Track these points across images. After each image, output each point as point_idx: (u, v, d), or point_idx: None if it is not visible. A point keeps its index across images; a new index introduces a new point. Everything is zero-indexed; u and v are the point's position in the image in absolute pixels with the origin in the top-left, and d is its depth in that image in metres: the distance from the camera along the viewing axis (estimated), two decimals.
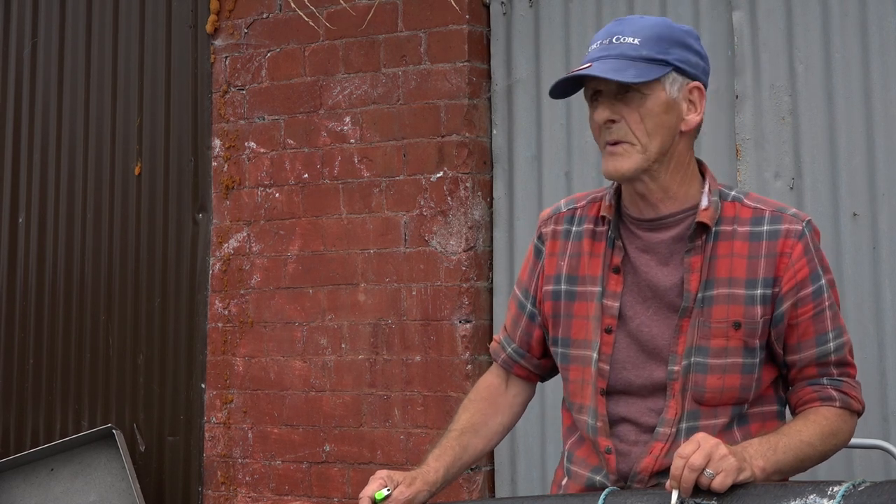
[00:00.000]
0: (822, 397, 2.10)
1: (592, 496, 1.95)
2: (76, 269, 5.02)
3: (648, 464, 2.09)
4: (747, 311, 2.07)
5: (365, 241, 4.32)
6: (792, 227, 2.10)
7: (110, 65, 5.02)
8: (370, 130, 4.34)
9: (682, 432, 2.08)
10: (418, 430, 4.12)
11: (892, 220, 3.58)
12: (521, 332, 2.34)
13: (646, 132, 2.07)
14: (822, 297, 2.12)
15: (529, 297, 2.32)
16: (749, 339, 2.07)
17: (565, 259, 2.23)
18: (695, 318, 2.08)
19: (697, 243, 2.10)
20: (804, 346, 2.11)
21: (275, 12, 4.60)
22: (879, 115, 3.62)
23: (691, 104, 2.12)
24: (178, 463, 4.70)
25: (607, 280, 2.16)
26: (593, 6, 4.11)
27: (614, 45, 2.08)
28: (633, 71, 2.04)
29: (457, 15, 4.18)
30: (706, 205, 2.12)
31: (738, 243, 2.10)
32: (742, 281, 2.08)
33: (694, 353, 2.07)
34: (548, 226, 2.30)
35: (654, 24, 2.11)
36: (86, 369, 4.95)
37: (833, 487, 1.74)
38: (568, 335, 2.21)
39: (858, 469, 3.52)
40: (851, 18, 3.66)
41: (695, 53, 2.13)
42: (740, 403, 2.10)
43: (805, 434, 2.02)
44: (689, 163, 2.16)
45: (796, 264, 2.09)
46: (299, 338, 4.42)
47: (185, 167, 4.79)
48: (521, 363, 2.36)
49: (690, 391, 2.08)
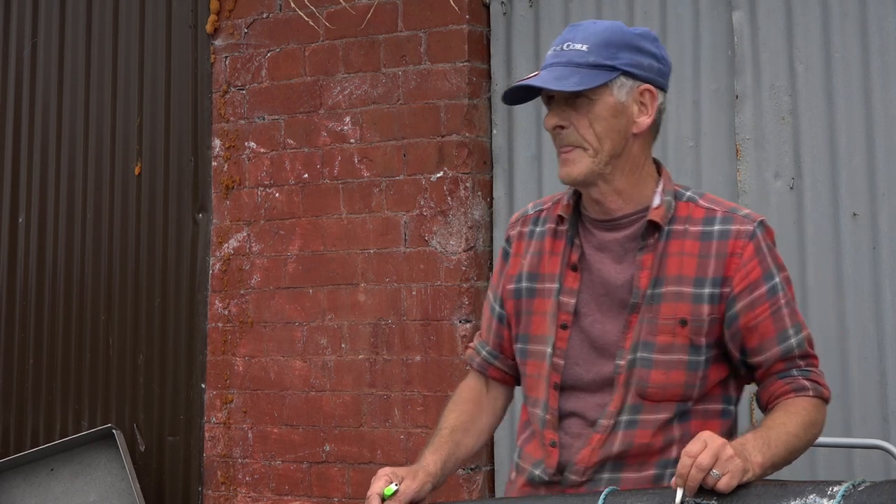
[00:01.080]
0: (795, 388, 2.11)
1: (592, 496, 1.95)
2: (76, 269, 5.02)
3: (585, 455, 2.13)
4: (694, 308, 2.10)
5: (365, 241, 4.32)
6: (743, 228, 2.13)
7: (110, 65, 5.02)
8: (370, 130, 4.34)
9: (622, 424, 2.11)
10: (418, 430, 4.12)
11: (892, 220, 3.58)
12: (493, 335, 2.38)
13: (596, 136, 2.12)
14: (777, 295, 2.13)
15: (497, 300, 2.37)
16: (695, 336, 2.10)
17: (527, 258, 2.29)
18: (643, 315, 2.12)
19: (649, 241, 2.14)
20: (767, 345, 2.12)
21: (275, 12, 4.60)
22: (879, 115, 3.62)
23: (642, 106, 2.15)
24: (178, 463, 4.70)
25: (565, 277, 2.20)
26: (593, 6, 4.11)
27: (564, 53, 2.14)
28: (577, 78, 2.09)
29: (457, 15, 4.18)
30: (658, 203, 2.16)
31: (688, 242, 2.13)
32: (691, 279, 2.11)
33: (640, 349, 2.11)
34: (514, 228, 2.35)
35: (604, 30, 2.16)
36: (86, 369, 4.95)
37: (833, 487, 1.74)
38: (527, 331, 2.25)
39: (858, 469, 3.52)
40: (851, 18, 3.67)
41: (648, 55, 2.16)
42: (684, 400, 2.12)
43: (790, 426, 2.04)
44: (645, 164, 2.19)
45: (748, 265, 2.11)
46: (299, 338, 4.42)
47: (185, 167, 4.79)
48: (496, 365, 2.39)
49: (634, 385, 2.11)
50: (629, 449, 2.10)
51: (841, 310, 3.62)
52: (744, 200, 3.78)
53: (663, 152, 3.95)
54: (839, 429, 3.57)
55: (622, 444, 2.10)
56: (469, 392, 2.41)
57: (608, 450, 2.11)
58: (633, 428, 2.10)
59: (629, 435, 2.10)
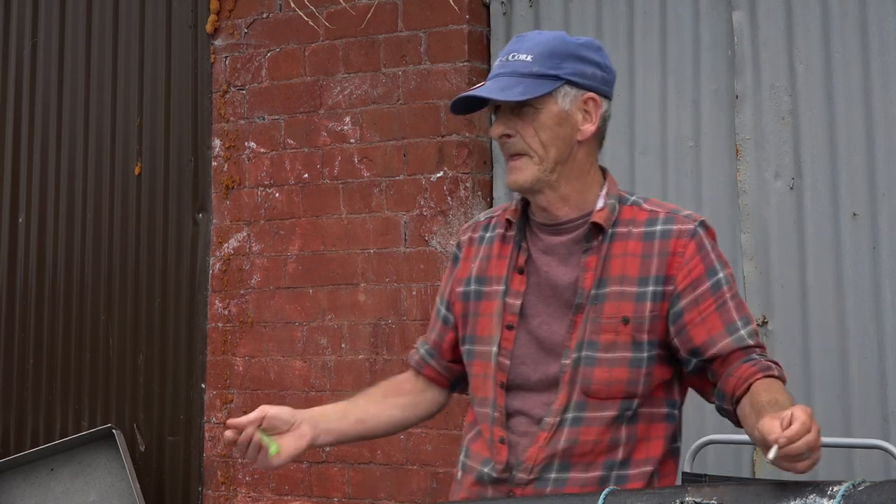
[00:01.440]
0: (761, 368, 2.11)
1: (592, 496, 1.95)
2: (76, 269, 5.02)
3: (532, 453, 2.17)
4: (637, 307, 2.15)
5: (365, 241, 4.32)
6: (684, 228, 2.18)
7: (110, 65, 5.02)
8: (370, 130, 4.34)
9: (567, 422, 2.15)
10: (418, 430, 4.12)
11: (892, 220, 3.58)
12: (435, 335, 2.44)
13: (541, 144, 2.18)
14: (721, 290, 2.16)
15: (444, 302, 2.42)
16: (637, 333, 2.15)
17: (476, 262, 2.35)
18: (587, 314, 2.17)
19: (594, 244, 2.20)
20: (717, 338, 2.14)
21: (275, 12, 4.60)
22: (879, 115, 3.62)
23: (586, 114, 2.21)
24: (178, 463, 4.70)
25: (511, 279, 2.26)
26: (593, 6, 4.11)
27: (509, 63, 2.20)
28: (521, 88, 2.15)
29: (457, 15, 4.18)
30: (601, 206, 2.22)
31: (632, 243, 2.19)
32: (634, 279, 2.16)
33: (585, 348, 2.16)
34: (465, 234, 2.41)
35: (548, 40, 2.21)
36: (86, 369, 4.95)
37: (833, 487, 1.74)
38: (474, 332, 2.31)
39: (858, 469, 3.52)
40: (851, 18, 3.66)
41: (591, 64, 2.22)
42: (628, 398, 2.16)
43: (790, 402, 2.02)
44: (590, 170, 2.25)
45: (690, 263, 2.16)
46: (299, 338, 4.42)
47: (185, 167, 4.79)
48: (431, 364, 2.45)
49: (579, 383, 2.16)
50: (575, 447, 2.14)
51: (841, 310, 3.62)
52: (744, 200, 3.78)
53: (663, 152, 3.95)
54: (839, 429, 3.57)
55: (567, 441, 2.14)
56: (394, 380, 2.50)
57: (554, 447, 2.15)
58: (579, 425, 2.14)
59: (574, 432, 2.14)
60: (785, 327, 3.70)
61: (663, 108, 3.97)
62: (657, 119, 3.97)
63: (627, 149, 4.00)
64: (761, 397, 2.04)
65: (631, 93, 4.02)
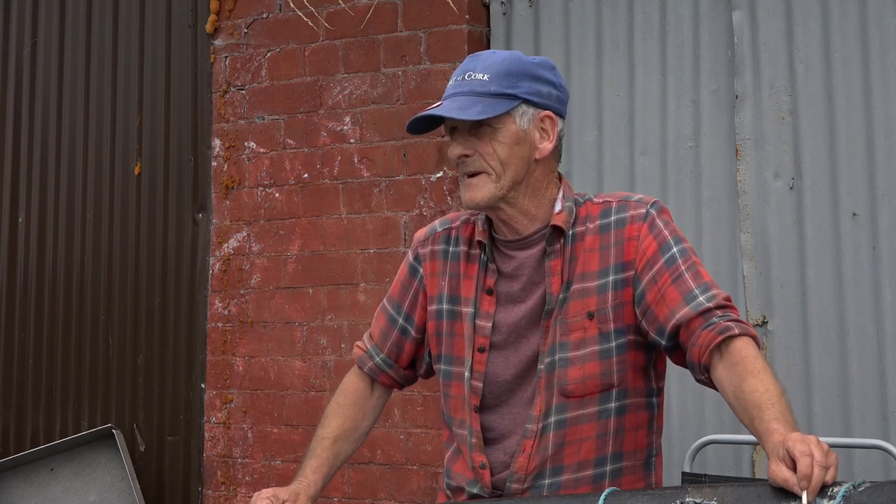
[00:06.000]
0: (720, 331, 2.05)
1: (592, 496, 1.95)
2: (76, 269, 5.02)
3: (523, 462, 2.17)
4: (599, 299, 2.16)
5: (365, 241, 4.32)
6: (636, 213, 2.18)
7: (110, 65, 5.02)
8: (370, 130, 4.34)
9: (551, 426, 2.16)
10: (418, 430, 4.12)
11: (892, 220, 3.58)
12: (391, 345, 2.43)
13: (500, 162, 2.18)
14: (676, 263, 2.14)
15: (402, 314, 2.41)
16: (602, 325, 2.15)
17: (446, 279, 2.33)
18: (555, 318, 2.18)
19: (556, 247, 2.20)
20: (677, 309, 2.10)
21: (275, 12, 4.60)
22: (879, 115, 3.62)
23: (544, 132, 2.21)
24: (178, 463, 4.71)
25: (480, 301, 2.26)
26: (593, 6, 4.11)
27: (466, 82, 2.20)
28: (479, 107, 2.15)
29: (456, 15, 4.19)
30: (559, 209, 2.22)
31: (589, 238, 2.19)
32: (594, 273, 2.17)
33: (557, 350, 2.17)
34: (425, 247, 2.39)
35: (503, 60, 2.20)
36: (86, 369, 4.95)
37: (833, 488, 1.74)
38: (451, 353, 2.30)
39: (858, 469, 3.52)
40: (851, 18, 3.67)
41: (546, 83, 2.22)
42: (606, 390, 2.16)
43: (773, 391, 1.96)
44: (548, 186, 2.25)
45: (644, 242, 2.16)
46: (299, 338, 4.42)
47: (184, 167, 4.79)
48: (388, 373, 2.45)
49: (556, 386, 2.16)
50: (563, 449, 2.14)
51: (841, 310, 3.62)
52: (744, 200, 3.78)
53: (663, 152, 3.95)
54: (839, 429, 3.57)
55: (555, 445, 2.14)
56: (353, 394, 2.46)
57: (543, 453, 2.15)
58: (563, 427, 2.15)
59: (560, 435, 2.15)
60: (785, 327, 3.70)
61: (663, 109, 3.97)
62: (657, 119, 3.97)
63: (627, 149, 4.00)
64: (745, 397, 1.96)
65: (631, 93, 4.02)
